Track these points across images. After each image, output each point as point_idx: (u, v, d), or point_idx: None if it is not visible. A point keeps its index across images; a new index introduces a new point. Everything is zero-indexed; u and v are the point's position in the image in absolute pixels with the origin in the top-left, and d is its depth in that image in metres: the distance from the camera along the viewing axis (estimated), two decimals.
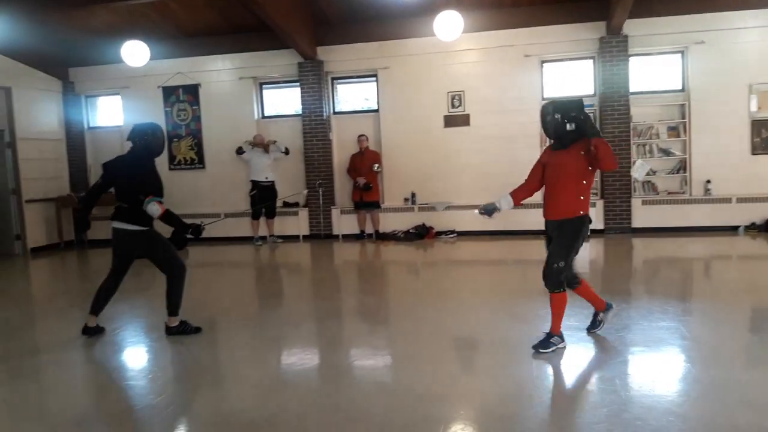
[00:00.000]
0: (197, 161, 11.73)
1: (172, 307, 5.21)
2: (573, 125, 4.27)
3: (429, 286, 7.45)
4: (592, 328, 4.79)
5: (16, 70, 10.96)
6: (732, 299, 5.91)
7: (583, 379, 3.94)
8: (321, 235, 11.31)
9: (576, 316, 5.34)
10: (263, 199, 10.81)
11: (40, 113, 11.64)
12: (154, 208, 4.90)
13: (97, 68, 11.89)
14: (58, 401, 4.01)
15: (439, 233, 10.79)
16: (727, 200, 9.93)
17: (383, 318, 5.89)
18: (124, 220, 5.05)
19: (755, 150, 9.88)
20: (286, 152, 10.99)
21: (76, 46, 11.43)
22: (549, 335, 4.41)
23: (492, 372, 4.09)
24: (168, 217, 5.05)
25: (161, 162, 11.79)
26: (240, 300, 7.12)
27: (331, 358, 4.75)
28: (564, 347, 4.41)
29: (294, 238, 11.36)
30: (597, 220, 10.22)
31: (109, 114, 12.48)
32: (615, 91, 9.97)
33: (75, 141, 12.21)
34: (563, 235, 4.34)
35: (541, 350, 4.34)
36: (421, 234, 10.66)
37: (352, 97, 11.82)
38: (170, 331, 5.24)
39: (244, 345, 5.06)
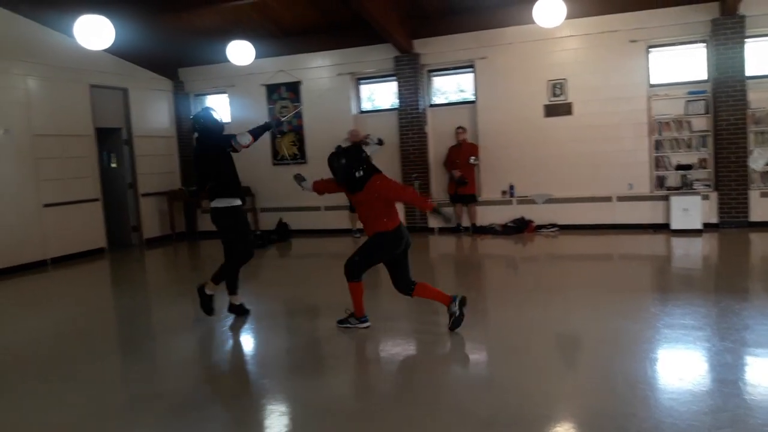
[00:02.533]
0: (299, 156, 12.07)
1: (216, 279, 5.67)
2: (361, 172, 4.95)
3: (529, 282, 7.31)
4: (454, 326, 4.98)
5: (131, 72, 11.70)
6: None
7: (702, 382, 3.73)
8: (417, 228, 11.32)
9: (691, 315, 5.10)
10: None
11: (153, 112, 12.37)
12: (243, 138, 5.56)
13: (205, 68, 12.47)
14: (170, 381, 4.25)
15: (540, 227, 10.54)
16: None
17: (482, 313, 5.83)
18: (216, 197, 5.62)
19: None
20: (380, 143, 11.01)
21: (184, 47, 12.02)
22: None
23: (602, 371, 3.97)
24: (255, 135, 5.65)
25: (266, 158, 12.30)
26: (341, 290, 7.25)
27: (433, 352, 4.76)
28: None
29: None
30: (711, 214, 9.65)
31: (217, 112, 13.02)
32: (730, 76, 9.32)
33: (185, 138, 12.87)
34: (365, 243, 5.12)
35: (339, 324, 5.21)
36: (520, 227, 10.46)
37: (447, 88, 11.75)
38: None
39: (345, 336, 5.13)
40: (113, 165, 11.70)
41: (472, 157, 10.63)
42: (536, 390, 3.75)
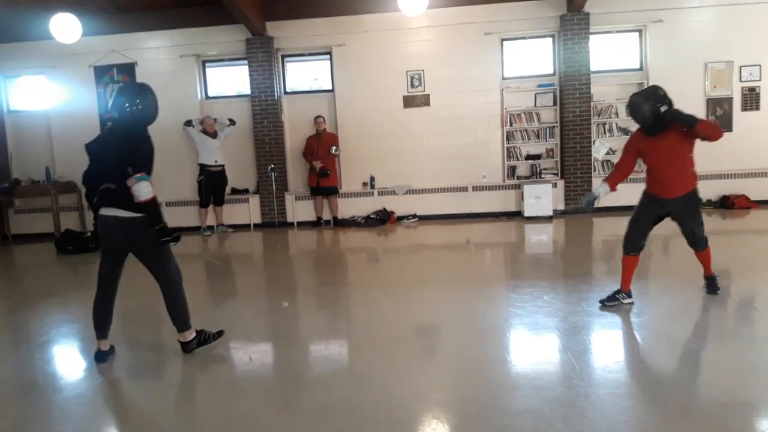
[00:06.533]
0: None
1: (180, 322, 4.23)
2: (666, 106, 4.53)
3: (392, 273, 7.08)
4: (712, 291, 5.11)
5: None
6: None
7: (553, 362, 3.71)
8: (275, 224, 10.74)
9: (543, 298, 5.13)
10: (212, 185, 10.20)
11: None
12: (144, 189, 3.77)
13: (20, 45, 10.71)
14: None
15: (400, 218, 10.46)
16: None
17: (345, 309, 5.53)
18: (113, 206, 3.91)
19: None
20: (232, 123, 10.37)
21: None
22: (710, 278, 5.11)
23: (462, 359, 3.94)
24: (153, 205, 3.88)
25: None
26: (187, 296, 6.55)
27: (290, 354, 4.34)
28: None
29: (245, 227, 10.73)
30: (558, 201, 10.17)
31: (33, 96, 11.33)
32: (576, 70, 9.87)
33: None
34: (691, 208, 4.87)
35: (710, 292, 5.07)
36: (383, 219, 10.29)
37: (303, 76, 11.21)
38: (187, 347, 4.25)
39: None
40: None
41: (333, 147, 10.25)
42: (400, 383, 3.61)
